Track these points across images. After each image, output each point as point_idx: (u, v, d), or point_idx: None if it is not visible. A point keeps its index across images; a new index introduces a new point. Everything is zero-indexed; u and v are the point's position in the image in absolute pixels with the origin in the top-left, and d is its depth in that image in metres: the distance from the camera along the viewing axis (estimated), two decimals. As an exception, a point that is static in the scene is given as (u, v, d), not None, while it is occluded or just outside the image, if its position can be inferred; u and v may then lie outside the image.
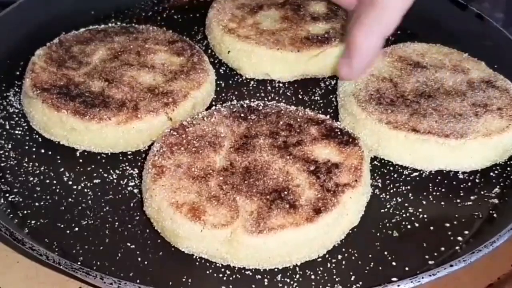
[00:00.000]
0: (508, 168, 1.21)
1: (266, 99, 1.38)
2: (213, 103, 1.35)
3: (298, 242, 1.01)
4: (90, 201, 1.13)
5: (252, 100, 1.26)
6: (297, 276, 1.02)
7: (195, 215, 1.01)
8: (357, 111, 1.24)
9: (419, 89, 1.28)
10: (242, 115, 1.20)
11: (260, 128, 1.17)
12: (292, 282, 1.01)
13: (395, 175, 1.21)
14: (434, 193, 1.17)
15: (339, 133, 1.16)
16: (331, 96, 1.38)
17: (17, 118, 1.29)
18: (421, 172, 1.21)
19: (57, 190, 1.15)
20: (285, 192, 1.05)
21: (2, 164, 1.20)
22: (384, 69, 1.34)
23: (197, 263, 1.04)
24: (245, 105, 1.23)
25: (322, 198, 1.04)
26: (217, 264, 1.04)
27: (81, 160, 1.21)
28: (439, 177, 1.20)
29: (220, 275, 1.02)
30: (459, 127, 1.19)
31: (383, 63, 1.35)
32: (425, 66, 1.35)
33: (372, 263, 1.05)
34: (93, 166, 1.20)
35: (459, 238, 1.09)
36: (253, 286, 1.01)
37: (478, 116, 1.22)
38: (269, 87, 1.41)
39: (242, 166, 1.10)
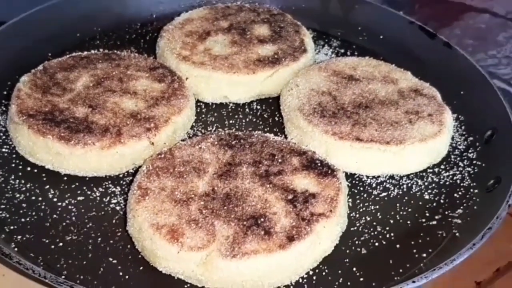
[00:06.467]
0: (471, 190, 1.28)
1: (244, 120, 1.44)
2: (193, 124, 1.41)
3: (270, 268, 1.04)
4: (74, 218, 1.18)
5: (238, 124, 1.34)
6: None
7: (173, 237, 1.05)
8: (304, 124, 1.31)
9: (356, 101, 1.37)
10: (228, 143, 1.24)
11: (244, 157, 1.21)
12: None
13: (365, 195, 1.27)
14: (401, 213, 1.23)
15: (319, 164, 1.20)
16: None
17: (4, 137, 1.33)
18: (390, 192, 1.28)
19: (42, 207, 1.20)
20: (262, 219, 1.08)
21: (-11, 182, 1.24)
22: (322, 84, 1.42)
23: (176, 279, 1.08)
24: (232, 134, 1.27)
25: (296, 226, 1.07)
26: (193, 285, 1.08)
27: (65, 178, 1.26)
28: (406, 198, 1.27)
29: (196, 295, 1.07)
30: (397, 134, 1.28)
31: (320, 78, 1.43)
32: (358, 79, 1.44)
33: (341, 279, 1.10)
34: (77, 184, 1.25)
35: (424, 255, 1.15)
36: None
37: (412, 123, 1.31)
38: (247, 109, 1.48)
39: (223, 192, 1.13)
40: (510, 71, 1.85)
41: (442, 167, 1.34)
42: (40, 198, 1.21)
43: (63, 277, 1.04)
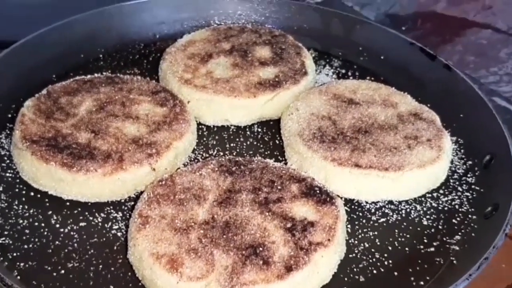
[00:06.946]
0: (469, 216, 1.29)
1: (245, 144, 1.45)
2: (195, 148, 1.42)
3: None
4: (76, 244, 1.20)
5: (238, 147, 1.36)
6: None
7: (172, 267, 1.06)
8: (303, 150, 1.32)
9: (356, 125, 1.38)
10: (229, 169, 1.25)
11: (244, 183, 1.22)
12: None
13: (364, 221, 1.28)
14: (399, 239, 1.24)
15: (318, 191, 1.21)
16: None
17: (8, 161, 1.35)
18: (388, 218, 1.29)
19: (45, 233, 1.21)
20: (261, 248, 1.09)
21: (-7, 207, 1.26)
22: (322, 108, 1.43)
23: (176, 306, 1.10)
24: (232, 160, 1.28)
25: (294, 256, 1.08)
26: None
27: (68, 204, 1.27)
28: (404, 223, 1.28)
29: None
30: (395, 160, 1.29)
31: (320, 102, 1.44)
32: (358, 103, 1.45)
33: (339, 307, 1.12)
34: (79, 209, 1.26)
35: (421, 283, 1.16)
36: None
37: (411, 148, 1.32)
38: (248, 132, 1.49)
39: (222, 220, 1.14)
40: (511, 89, 1.86)
41: (441, 191, 1.35)
42: (43, 224, 1.23)
43: (64, 306, 1.06)
